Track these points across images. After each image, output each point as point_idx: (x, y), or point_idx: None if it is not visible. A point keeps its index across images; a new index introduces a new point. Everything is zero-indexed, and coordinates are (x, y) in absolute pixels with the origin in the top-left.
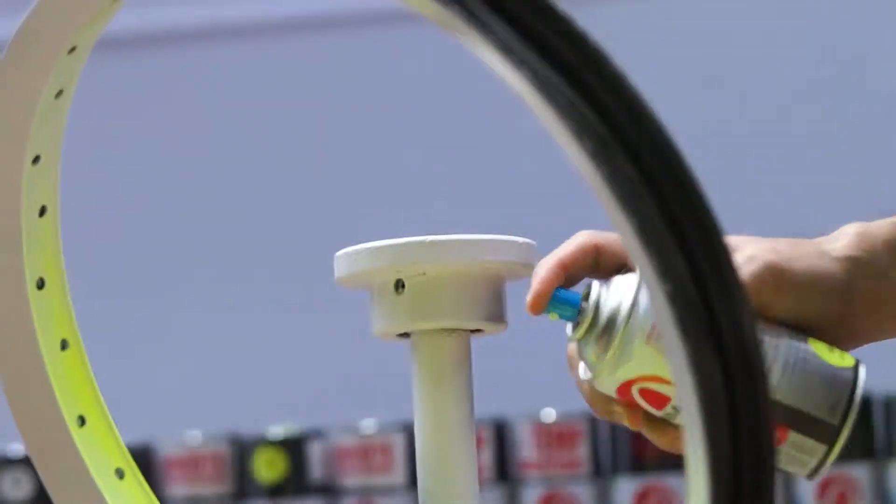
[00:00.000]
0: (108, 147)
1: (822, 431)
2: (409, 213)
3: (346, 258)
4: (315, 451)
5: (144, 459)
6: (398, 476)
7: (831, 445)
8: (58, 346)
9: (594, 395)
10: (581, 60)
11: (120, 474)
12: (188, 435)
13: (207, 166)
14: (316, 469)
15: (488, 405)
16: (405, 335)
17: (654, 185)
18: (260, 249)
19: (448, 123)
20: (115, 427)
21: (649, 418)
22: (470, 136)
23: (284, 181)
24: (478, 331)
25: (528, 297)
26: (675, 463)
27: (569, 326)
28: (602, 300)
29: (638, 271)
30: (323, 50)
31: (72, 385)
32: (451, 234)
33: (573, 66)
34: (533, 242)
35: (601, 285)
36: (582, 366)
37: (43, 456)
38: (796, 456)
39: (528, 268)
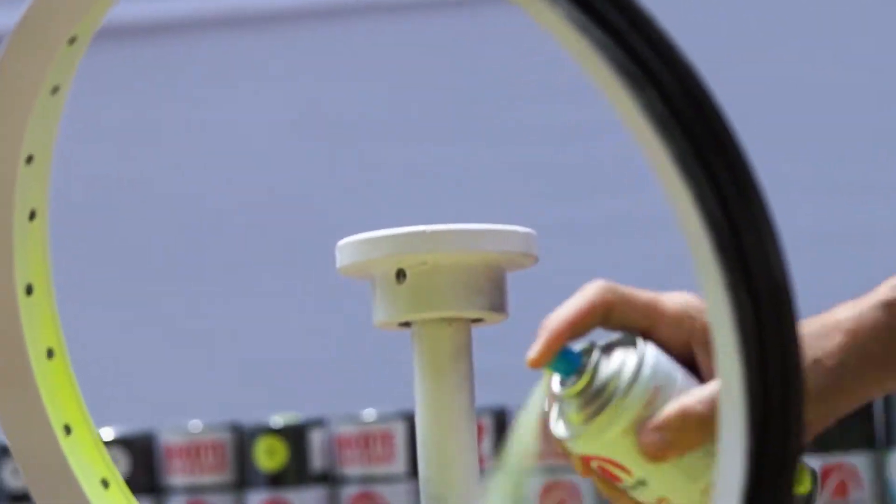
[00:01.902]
0: (108, 135)
1: None
2: (411, 204)
3: (348, 248)
4: (316, 440)
5: (145, 447)
6: (399, 465)
7: None
8: (44, 354)
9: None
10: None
11: (105, 484)
12: (189, 423)
13: (209, 156)
14: (317, 458)
15: (489, 395)
16: (406, 324)
17: (687, 119)
18: (261, 238)
19: (450, 114)
20: (99, 437)
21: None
22: (470, 127)
23: (286, 171)
24: (479, 320)
25: (534, 351)
26: None
27: (556, 381)
28: (601, 365)
29: (639, 345)
30: (324, 38)
31: (58, 394)
32: (452, 223)
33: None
34: (534, 232)
35: (601, 351)
36: (556, 423)
37: (30, 464)
38: None
39: (529, 258)
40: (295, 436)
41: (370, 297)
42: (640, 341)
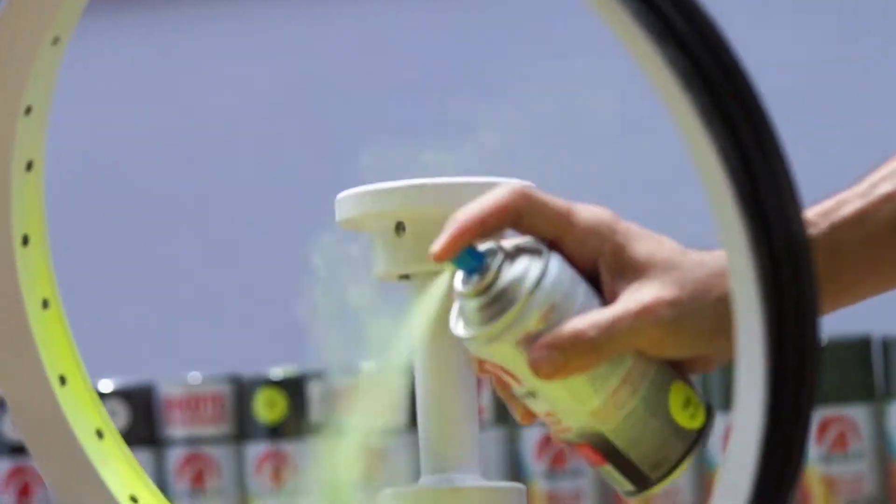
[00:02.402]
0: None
1: (637, 478)
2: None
3: (348, 201)
4: (315, 392)
5: (145, 399)
6: (398, 416)
7: (641, 491)
8: (40, 304)
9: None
10: None
11: (100, 434)
12: (188, 375)
13: (209, 107)
14: (316, 410)
15: None
16: (405, 277)
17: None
18: (261, 190)
19: (450, 68)
20: (93, 388)
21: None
22: (470, 82)
23: (289, 123)
24: None
25: (439, 245)
26: None
27: (458, 278)
28: (504, 269)
29: (544, 255)
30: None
31: (53, 344)
32: (451, 176)
33: None
34: (532, 184)
35: (506, 255)
36: (456, 321)
37: (25, 415)
38: (610, 478)
39: None
40: (294, 388)
41: (370, 249)
42: (546, 251)
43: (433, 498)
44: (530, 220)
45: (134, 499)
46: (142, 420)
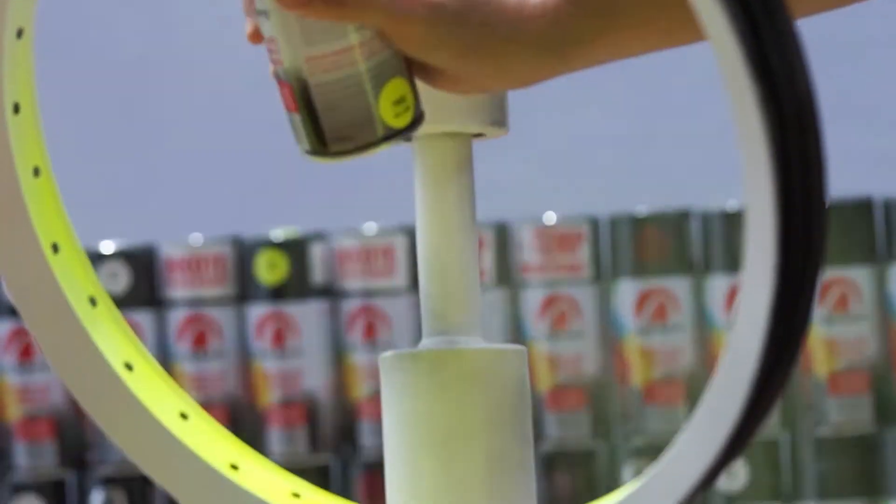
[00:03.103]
0: None
1: (318, 141)
2: None
3: None
4: (316, 254)
5: (146, 261)
6: (400, 279)
7: (315, 155)
8: (31, 172)
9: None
10: None
11: (93, 302)
12: (190, 237)
13: None
14: (317, 271)
15: (490, 209)
16: (407, 139)
17: None
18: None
19: None
20: (85, 256)
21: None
22: None
23: None
24: (480, 135)
25: None
26: (676, 266)
27: None
28: None
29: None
30: None
31: (45, 212)
32: None
33: None
34: None
35: None
36: None
37: (19, 283)
38: (295, 130)
39: None
40: (296, 249)
41: None
42: None
43: (434, 360)
44: None
45: (129, 365)
46: (143, 282)
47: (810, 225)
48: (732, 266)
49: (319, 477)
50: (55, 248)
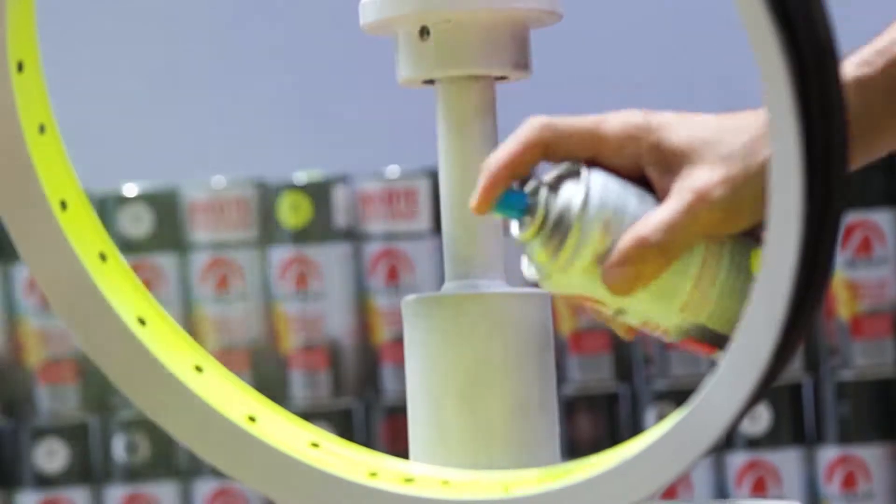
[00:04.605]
0: None
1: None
2: None
3: (372, 5)
4: (339, 197)
5: (169, 203)
6: (423, 222)
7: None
8: (37, 129)
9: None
10: None
11: (103, 257)
12: (212, 179)
13: None
14: (340, 214)
15: None
16: (430, 82)
17: None
18: None
19: None
20: (93, 211)
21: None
22: None
23: None
24: (502, 78)
25: (474, 199)
26: None
27: (514, 227)
28: (551, 201)
29: (583, 175)
30: None
31: (52, 169)
32: None
33: None
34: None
35: (549, 187)
36: (528, 267)
37: (28, 241)
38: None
39: (553, 15)
40: (318, 192)
41: (394, 54)
42: (584, 170)
43: (457, 304)
44: (559, 147)
45: (141, 320)
46: (166, 224)
47: (831, 166)
48: None
49: (342, 421)
50: (63, 205)
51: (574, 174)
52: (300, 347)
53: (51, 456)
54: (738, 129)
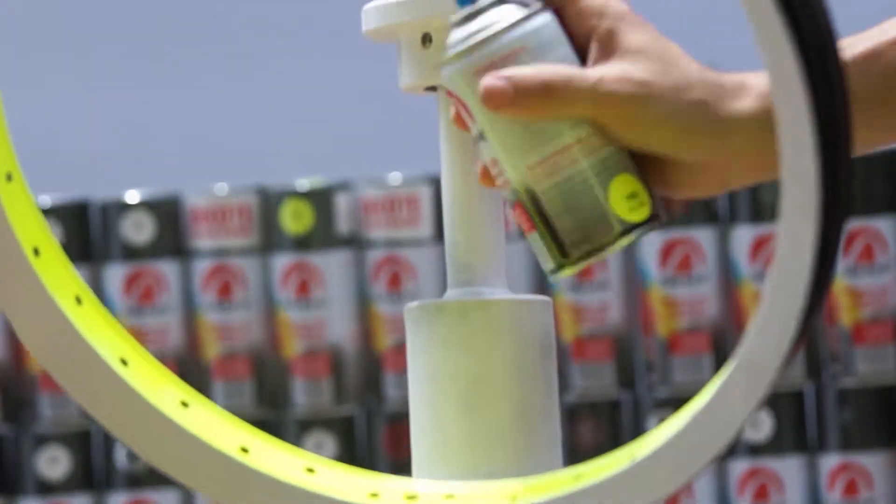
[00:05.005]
0: None
1: (559, 252)
2: None
3: (374, 11)
4: (342, 203)
5: (171, 211)
6: (425, 229)
7: (560, 268)
8: (4, 178)
9: None
10: None
11: (79, 300)
12: (215, 186)
13: None
14: (342, 221)
15: None
16: (432, 89)
17: None
18: (289, 2)
19: None
20: (66, 257)
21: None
22: None
23: None
24: None
25: None
26: (701, 217)
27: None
28: (495, 6)
29: (533, 5)
30: None
31: (22, 217)
32: None
33: None
34: None
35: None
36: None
37: (4, 287)
38: (537, 250)
39: None
40: (321, 199)
41: (397, 61)
42: (538, 5)
43: (459, 311)
44: None
45: (124, 361)
46: (168, 231)
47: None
48: (757, 217)
49: (343, 428)
50: (36, 251)
51: (528, 3)
52: (302, 354)
53: (53, 463)
54: (697, 69)
